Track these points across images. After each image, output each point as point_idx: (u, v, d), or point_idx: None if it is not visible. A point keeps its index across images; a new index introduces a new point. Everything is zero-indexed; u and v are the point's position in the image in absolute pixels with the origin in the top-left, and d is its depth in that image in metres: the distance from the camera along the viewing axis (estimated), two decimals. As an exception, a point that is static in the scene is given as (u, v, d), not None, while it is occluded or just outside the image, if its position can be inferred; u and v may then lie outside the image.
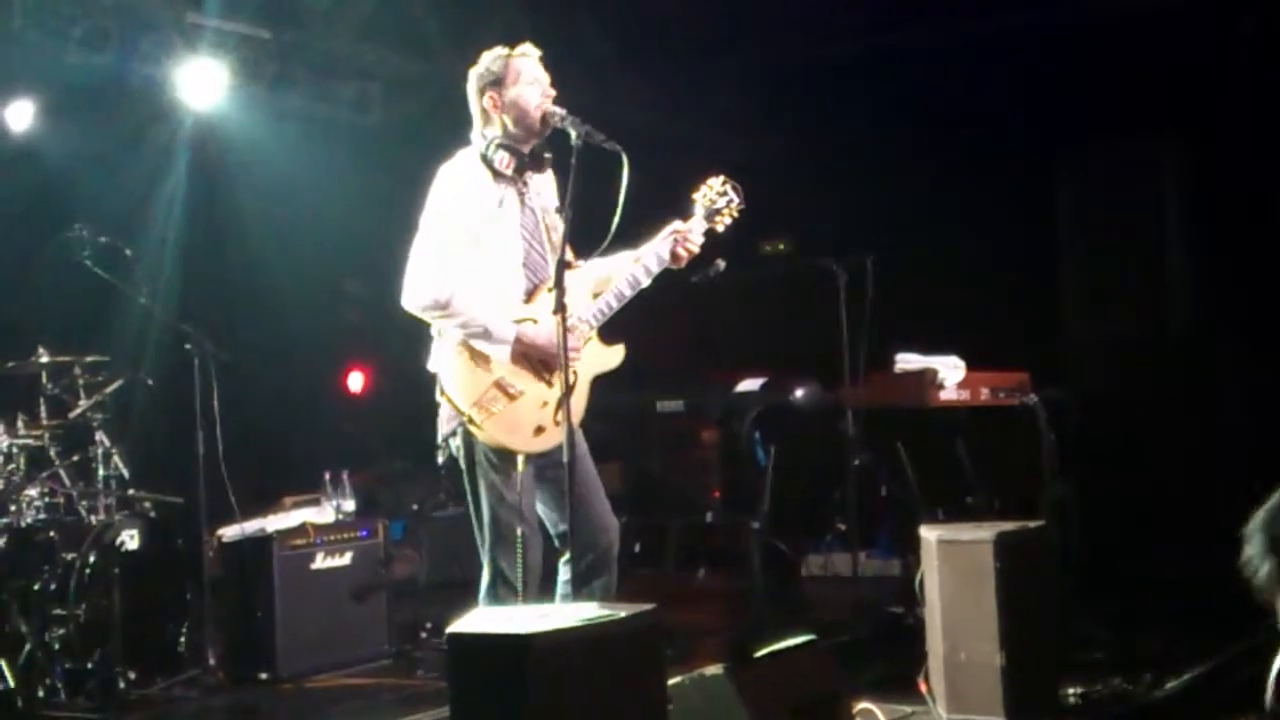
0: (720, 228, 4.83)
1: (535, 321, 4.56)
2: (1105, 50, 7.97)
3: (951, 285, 8.52)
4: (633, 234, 4.67)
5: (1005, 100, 8.23)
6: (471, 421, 4.47)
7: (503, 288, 4.59)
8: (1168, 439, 7.84)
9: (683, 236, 4.73)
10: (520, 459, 4.51)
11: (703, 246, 4.78)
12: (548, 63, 4.69)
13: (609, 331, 4.76)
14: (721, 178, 4.86)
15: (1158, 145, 8.28)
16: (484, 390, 4.49)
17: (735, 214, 4.83)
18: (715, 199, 4.81)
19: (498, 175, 4.63)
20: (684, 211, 4.81)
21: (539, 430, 4.55)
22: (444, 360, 4.54)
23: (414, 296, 4.54)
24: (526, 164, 4.65)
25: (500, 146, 4.62)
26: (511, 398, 4.51)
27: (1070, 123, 8.33)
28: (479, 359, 4.51)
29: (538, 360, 4.56)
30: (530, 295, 4.64)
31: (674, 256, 4.72)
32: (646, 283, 4.70)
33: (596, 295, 4.70)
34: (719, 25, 8.59)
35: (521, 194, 4.68)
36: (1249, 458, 7.30)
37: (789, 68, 8.88)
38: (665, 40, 8.78)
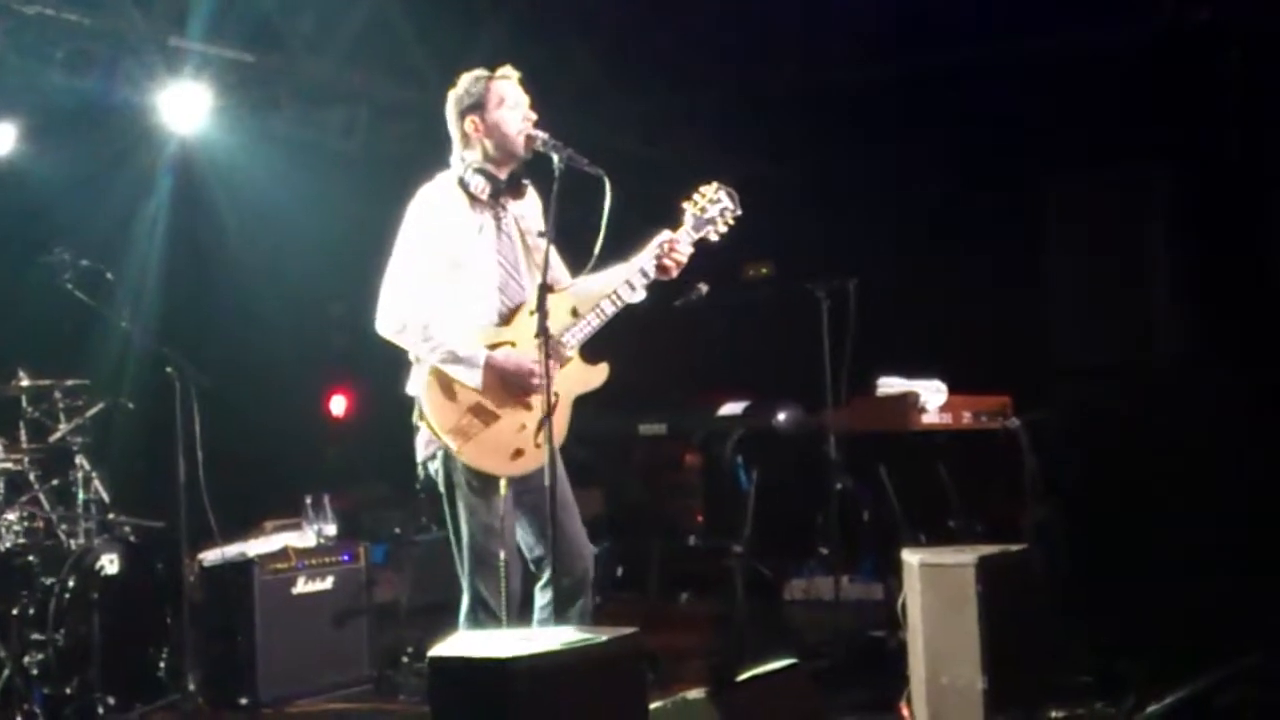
0: (714, 236, 4.63)
1: (513, 344, 4.52)
2: (1093, 78, 8.00)
3: (935, 309, 8.53)
4: (617, 257, 4.62)
5: (993, 126, 8.25)
6: (448, 446, 4.44)
7: (477, 312, 4.55)
8: (1153, 464, 7.84)
9: (670, 246, 4.57)
10: (502, 483, 4.48)
11: (685, 271, 4.61)
12: (532, 86, 4.66)
13: (592, 350, 4.65)
14: (715, 184, 4.65)
15: (1145, 172, 8.30)
16: (461, 414, 4.46)
17: (731, 221, 4.63)
18: (707, 206, 4.61)
19: (474, 200, 4.60)
20: (673, 227, 4.63)
21: (517, 453, 4.50)
22: (422, 384, 4.51)
23: (385, 321, 4.51)
24: (503, 189, 4.63)
25: (477, 171, 4.60)
26: (488, 421, 4.47)
27: (1058, 149, 8.36)
28: (455, 383, 4.47)
29: (514, 384, 4.49)
30: (506, 319, 4.59)
31: (661, 268, 4.57)
32: (632, 298, 4.56)
33: (576, 312, 4.58)
34: (705, 50, 8.62)
35: (498, 219, 4.65)
36: (1234, 483, 7.30)
37: (775, 92, 8.90)
38: (652, 64, 8.80)
